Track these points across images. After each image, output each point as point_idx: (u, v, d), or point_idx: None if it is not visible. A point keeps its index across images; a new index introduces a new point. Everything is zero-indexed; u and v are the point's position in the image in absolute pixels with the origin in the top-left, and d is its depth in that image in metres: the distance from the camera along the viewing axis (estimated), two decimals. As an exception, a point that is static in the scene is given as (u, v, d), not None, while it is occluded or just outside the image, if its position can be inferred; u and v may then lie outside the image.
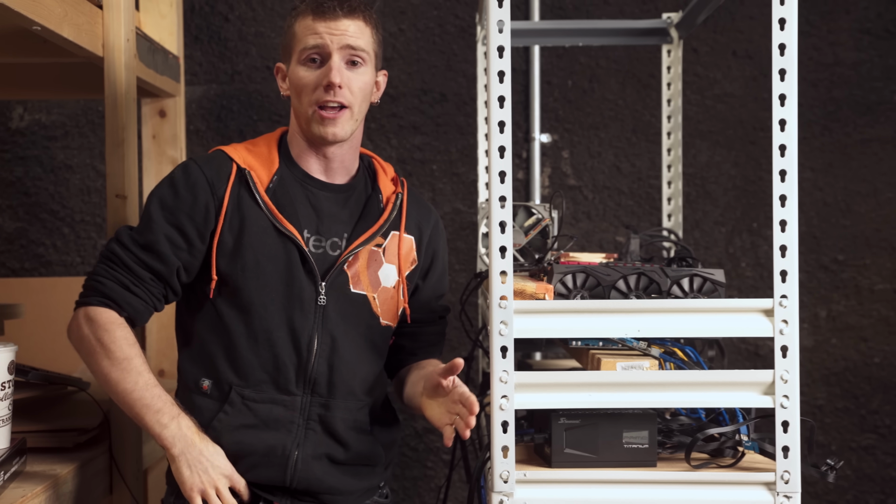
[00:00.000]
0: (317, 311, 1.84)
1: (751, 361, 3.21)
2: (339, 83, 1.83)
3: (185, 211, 1.82)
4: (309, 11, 1.86)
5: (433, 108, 3.24)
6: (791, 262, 1.64)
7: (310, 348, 1.83)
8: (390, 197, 1.96)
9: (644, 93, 3.25)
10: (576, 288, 1.82)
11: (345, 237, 1.88)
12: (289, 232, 1.83)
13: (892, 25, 3.21)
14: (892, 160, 3.22)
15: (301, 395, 1.84)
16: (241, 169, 1.86)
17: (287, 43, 1.90)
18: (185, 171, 1.86)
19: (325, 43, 1.83)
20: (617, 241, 3.25)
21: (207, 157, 1.89)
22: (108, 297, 1.80)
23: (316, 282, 1.84)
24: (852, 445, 3.21)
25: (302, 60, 1.85)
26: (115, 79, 2.13)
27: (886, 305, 3.21)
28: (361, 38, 1.85)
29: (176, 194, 1.83)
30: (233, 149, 1.90)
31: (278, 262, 1.83)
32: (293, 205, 1.87)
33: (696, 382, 1.65)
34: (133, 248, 1.82)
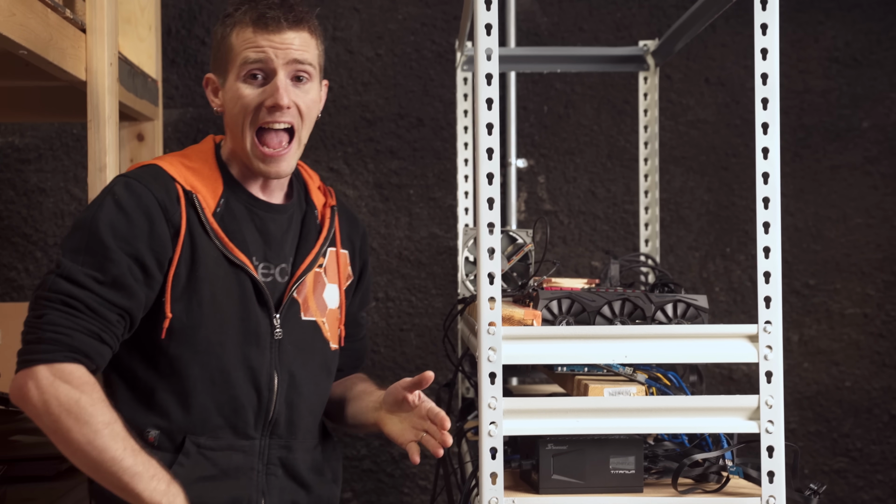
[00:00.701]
0: (272, 346, 1.70)
1: (724, 385, 3.25)
2: (286, 104, 1.66)
3: (143, 239, 1.61)
4: (249, 22, 1.67)
5: (410, 133, 3.25)
6: (775, 288, 1.67)
7: (270, 387, 1.69)
8: (324, 211, 1.82)
9: (619, 118, 3.28)
10: (561, 314, 1.83)
11: (290, 261, 1.74)
12: (240, 262, 1.67)
13: (859, 54, 3.28)
14: (860, 186, 3.27)
15: (259, 438, 1.69)
16: (187, 192, 1.66)
17: (221, 55, 1.70)
18: (130, 191, 1.62)
19: (268, 58, 1.65)
20: (592, 266, 3.27)
21: (149, 175, 1.66)
22: (78, 352, 1.54)
23: (270, 314, 1.70)
24: (825, 469, 3.24)
25: (242, 76, 1.66)
26: (97, 103, 2.12)
27: (857, 329, 3.26)
28: (308, 51, 1.69)
29: (129, 220, 1.60)
30: (170, 165, 1.68)
31: (232, 296, 1.66)
32: (241, 231, 1.70)
33: (683, 408, 1.66)
34: (94, 287, 1.57)
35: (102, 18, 2.13)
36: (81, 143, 3.22)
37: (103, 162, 2.12)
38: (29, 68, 2.00)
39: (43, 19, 1.87)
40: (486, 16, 1.66)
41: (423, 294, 3.24)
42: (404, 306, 3.23)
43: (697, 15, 2.20)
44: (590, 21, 3.27)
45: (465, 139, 2.81)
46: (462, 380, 2.64)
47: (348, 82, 3.23)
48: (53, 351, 1.53)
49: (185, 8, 3.22)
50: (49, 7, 1.90)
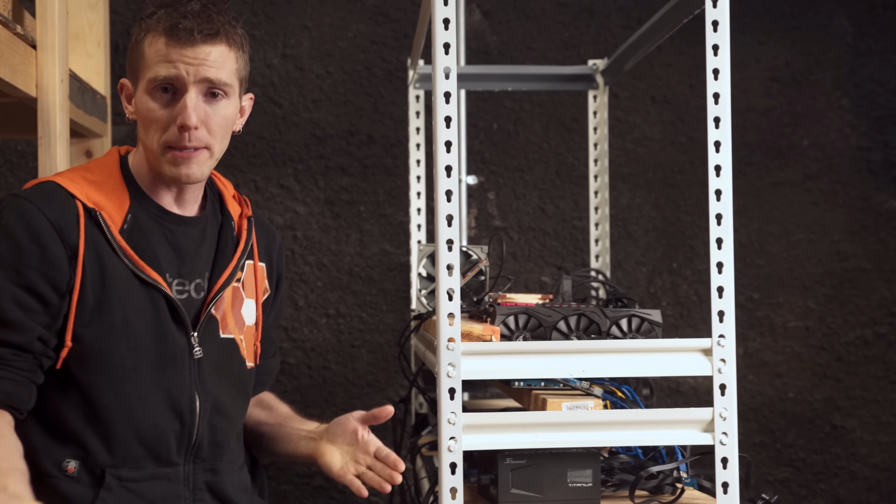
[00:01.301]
0: (191, 367, 1.63)
1: (672, 398, 3.30)
2: (195, 125, 1.57)
3: (33, 266, 1.52)
4: (161, 32, 1.57)
5: (360, 150, 3.26)
6: (728, 302, 1.71)
7: (191, 409, 1.62)
8: (241, 223, 1.74)
9: (567, 136, 3.33)
10: (518, 329, 1.85)
11: (206, 276, 1.67)
12: (152, 280, 1.59)
13: (798, 74, 3.37)
14: (801, 203, 3.36)
15: (182, 463, 1.63)
16: (89, 209, 1.57)
17: (133, 61, 1.62)
18: (18, 215, 1.53)
19: (179, 74, 1.56)
20: (542, 282, 3.30)
21: (43, 194, 1.57)
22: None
23: (188, 333, 1.62)
24: (769, 479, 3.31)
25: (151, 90, 1.58)
26: (48, 120, 2.09)
27: (799, 342, 3.33)
28: (223, 68, 1.59)
29: (17, 247, 1.52)
30: (69, 181, 1.59)
31: (146, 316, 1.58)
32: (152, 247, 1.61)
33: (640, 421, 1.69)
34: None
35: (53, 35, 2.10)
36: (26, 159, 3.18)
37: (55, 179, 2.09)
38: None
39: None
40: (445, 35, 1.68)
41: (375, 310, 3.24)
42: (355, 322, 3.24)
43: (647, 35, 2.25)
44: (538, 40, 3.32)
45: (418, 156, 2.83)
46: (415, 395, 2.64)
47: (298, 99, 3.23)
48: None
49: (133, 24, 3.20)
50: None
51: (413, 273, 2.62)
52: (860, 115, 3.35)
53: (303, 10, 3.25)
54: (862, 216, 3.35)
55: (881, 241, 3.34)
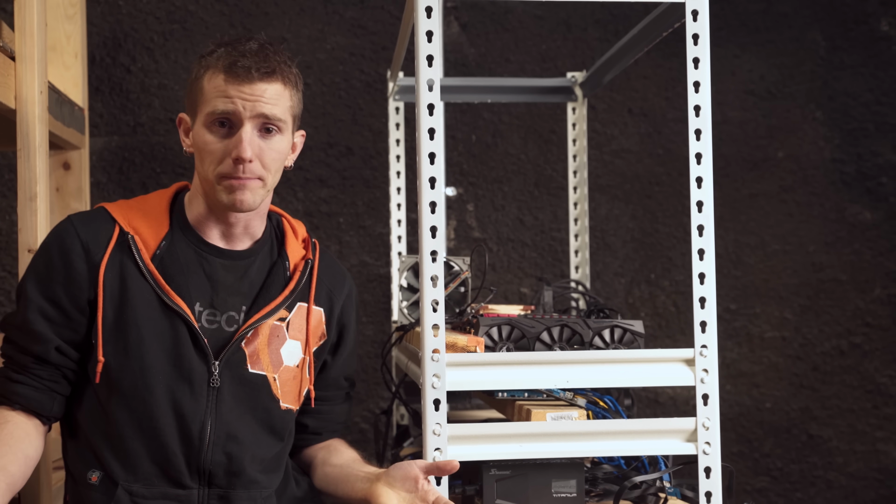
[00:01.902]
0: (210, 394, 1.67)
1: (651, 409, 3.31)
2: (249, 157, 1.64)
3: (59, 280, 1.64)
4: (221, 69, 1.65)
5: (339, 162, 3.26)
6: (710, 313, 1.72)
7: (202, 436, 1.66)
8: (298, 264, 1.78)
9: (545, 148, 3.34)
10: (501, 340, 1.85)
11: (243, 310, 1.71)
12: (176, 306, 1.65)
13: (773, 87, 3.40)
14: (777, 214, 3.39)
15: (196, 487, 1.67)
16: (124, 232, 1.67)
17: (193, 97, 1.70)
18: (58, 233, 1.67)
19: (236, 110, 1.63)
20: (522, 293, 3.31)
21: (87, 217, 1.70)
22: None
23: (208, 361, 1.67)
24: (747, 488, 3.33)
25: (208, 124, 1.66)
26: (27, 132, 2.08)
27: (776, 352, 3.36)
28: (278, 104, 1.66)
29: (48, 263, 1.65)
30: (117, 207, 1.71)
31: (164, 340, 1.65)
32: (184, 274, 1.68)
33: (623, 431, 1.70)
34: (11, 334, 1.66)
35: (32, 46, 2.09)
36: (1, 171, 3.15)
37: (34, 191, 2.08)
38: (-43, 96, 1.96)
39: (-26, 46, 1.84)
40: (428, 47, 1.69)
41: (354, 322, 3.24)
42: (335, 335, 3.23)
43: (626, 48, 2.27)
44: (516, 52, 3.34)
45: (398, 168, 2.83)
46: (397, 407, 2.64)
47: (277, 111, 3.22)
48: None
49: (110, 36, 3.19)
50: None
51: (394, 284, 2.63)
52: (834, 127, 3.39)
53: (281, 22, 3.25)
54: (836, 227, 3.38)
55: (855, 252, 3.38)
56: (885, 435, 3.35)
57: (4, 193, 3.13)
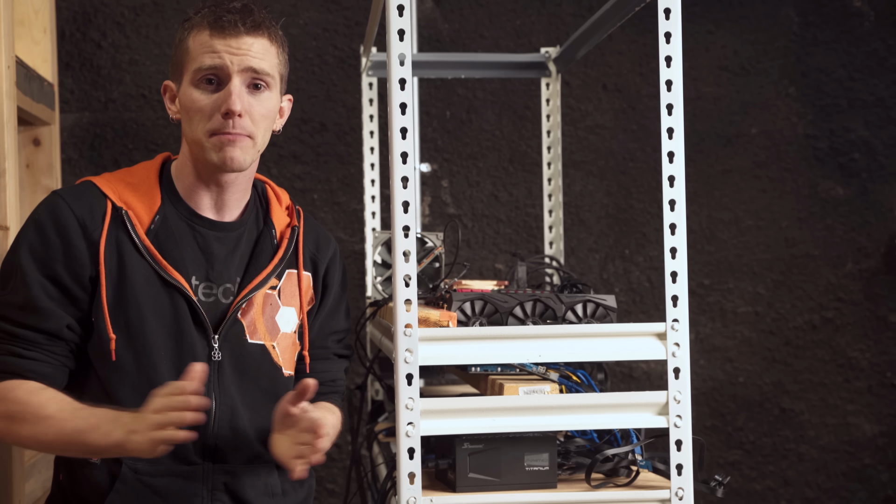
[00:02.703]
0: (211, 369, 1.65)
1: (625, 383, 3.33)
2: (239, 111, 1.62)
3: (59, 259, 1.60)
4: (206, 25, 1.64)
5: (313, 138, 3.25)
6: (681, 287, 1.73)
7: (207, 411, 1.60)
8: (284, 232, 1.77)
9: (520, 124, 3.34)
10: (474, 315, 1.86)
11: (237, 282, 1.70)
12: (175, 281, 1.64)
13: (747, 63, 3.41)
14: (751, 190, 3.40)
15: (202, 463, 1.65)
16: (117, 207, 1.64)
17: (178, 59, 1.67)
18: (50, 210, 1.63)
19: (223, 63, 1.62)
20: (496, 269, 3.32)
21: (76, 192, 1.66)
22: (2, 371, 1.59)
23: (208, 335, 1.66)
24: (720, 462, 3.36)
25: (196, 81, 1.64)
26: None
27: (749, 327, 3.39)
28: (266, 59, 1.66)
29: (45, 240, 1.61)
30: (105, 181, 1.67)
31: (165, 316, 1.63)
32: (179, 249, 1.67)
33: (595, 405, 1.71)
34: (11, 314, 1.60)
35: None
36: (-29, 148, 3.12)
37: (2, 167, 2.06)
38: (-77, 70, 1.94)
39: (-61, 20, 1.81)
40: (399, 21, 1.68)
41: (329, 299, 3.23)
42: (309, 312, 3.22)
43: (599, 23, 2.26)
44: (490, 28, 3.33)
45: (371, 144, 2.82)
46: (371, 382, 2.65)
47: (250, 87, 3.20)
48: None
49: (80, 11, 3.15)
50: (-55, 7, 1.84)
51: (368, 260, 2.62)
52: (807, 103, 3.41)
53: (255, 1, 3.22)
54: (809, 203, 3.40)
55: (828, 228, 3.40)
56: (856, 409, 3.39)
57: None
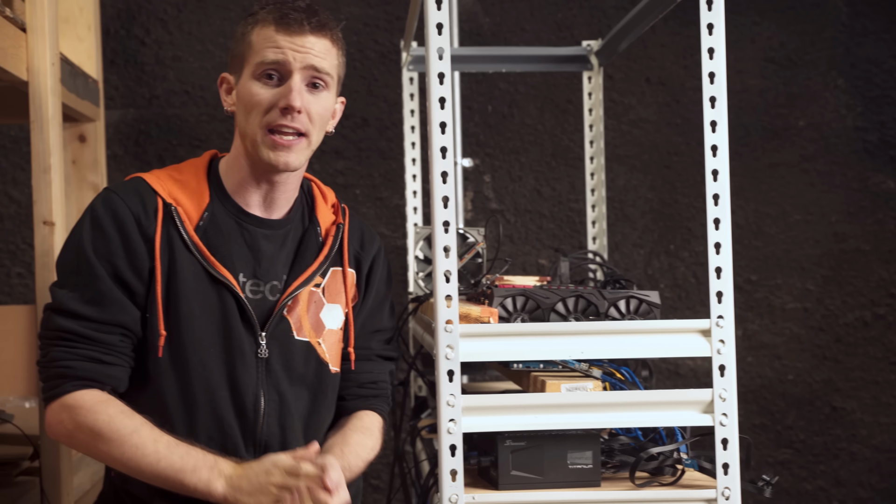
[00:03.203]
0: (259, 365, 1.66)
1: (671, 381, 3.29)
2: (298, 107, 1.63)
3: (120, 254, 1.61)
4: (271, 21, 1.65)
5: (355, 133, 3.24)
6: (726, 283, 1.69)
7: (256, 408, 1.65)
8: (330, 229, 1.77)
9: (562, 118, 3.31)
10: (516, 311, 1.84)
11: (283, 279, 1.70)
12: (223, 277, 1.64)
13: (794, 55, 3.35)
14: (798, 183, 3.34)
15: (252, 458, 1.64)
16: (167, 204, 1.65)
17: (239, 52, 1.68)
18: (107, 205, 1.63)
19: (286, 59, 1.63)
20: (539, 264, 3.29)
21: (129, 188, 1.66)
22: (83, 379, 1.58)
23: (255, 332, 1.66)
24: (769, 461, 3.31)
25: (257, 75, 1.64)
26: (40, 104, 2.08)
27: (798, 324, 3.33)
28: (327, 59, 1.67)
29: (105, 235, 1.62)
30: (155, 178, 1.68)
31: (214, 312, 1.64)
32: (227, 245, 1.67)
33: (638, 402, 1.68)
34: (85, 312, 1.59)
35: (43, 17, 2.08)
36: (19, 144, 3.15)
37: (47, 163, 2.08)
38: (-32, 68, 1.96)
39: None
40: (437, 15, 1.66)
41: (371, 295, 3.23)
42: (352, 307, 3.22)
43: (641, 15, 2.23)
44: (531, 21, 3.30)
45: (413, 138, 2.81)
46: (414, 378, 2.63)
47: (292, 83, 3.21)
48: (61, 384, 1.59)
49: (124, 8, 3.18)
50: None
51: (410, 256, 2.61)
52: (856, 95, 3.34)
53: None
54: (859, 197, 3.34)
55: (879, 222, 3.33)
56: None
57: (23, 166, 3.14)
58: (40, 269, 2.03)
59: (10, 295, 3.11)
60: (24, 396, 2.57)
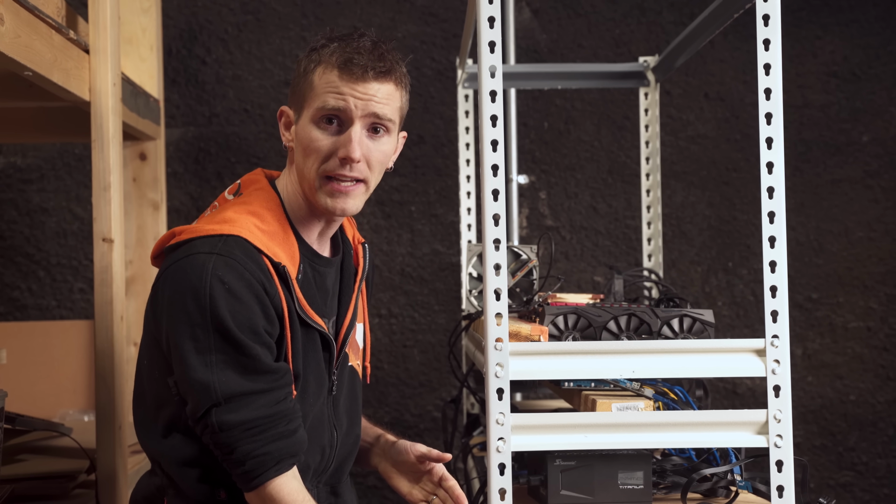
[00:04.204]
0: (328, 403, 1.68)
1: (728, 400, 3.24)
2: (357, 158, 1.59)
3: (260, 322, 1.53)
4: (334, 65, 1.59)
5: (411, 150, 3.26)
6: (781, 302, 1.67)
7: (332, 444, 1.67)
8: (357, 249, 1.77)
9: (619, 134, 3.29)
10: (567, 329, 1.83)
11: (336, 311, 1.71)
12: (317, 325, 1.63)
13: (857, 69, 3.29)
14: (861, 200, 3.28)
15: (314, 488, 1.66)
16: (276, 264, 1.58)
17: (300, 91, 1.64)
18: (235, 273, 1.52)
19: (348, 107, 1.59)
20: (595, 281, 3.27)
21: (241, 251, 1.55)
22: (281, 461, 1.53)
23: (331, 370, 1.67)
24: (830, 483, 3.24)
25: (317, 119, 1.61)
26: (101, 123, 2.12)
27: (860, 343, 3.26)
28: (389, 105, 1.63)
29: (243, 305, 1.51)
30: (250, 233, 1.57)
31: (312, 361, 1.63)
32: (312, 291, 1.64)
33: (692, 422, 1.66)
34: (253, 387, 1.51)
35: (106, 39, 2.13)
36: (83, 162, 3.23)
37: (107, 181, 2.12)
38: (33, 89, 2.01)
39: (47, 40, 1.88)
40: (490, 33, 1.66)
41: (426, 310, 3.24)
42: (407, 323, 3.23)
43: (698, 31, 2.21)
44: (588, 38, 3.29)
45: (467, 156, 2.82)
46: (467, 395, 2.63)
47: (349, 100, 3.23)
48: (260, 474, 1.52)
49: (186, 28, 3.24)
50: (53, 28, 1.91)
51: (463, 273, 2.61)
52: (922, 109, 3.27)
53: (352, 11, 3.25)
54: (924, 213, 3.26)
55: (945, 239, 3.26)
56: (977, 429, 3.23)
57: (86, 184, 3.21)
58: (99, 285, 2.07)
59: (72, 310, 3.18)
60: (83, 410, 2.62)
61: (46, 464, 2.00)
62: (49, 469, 1.95)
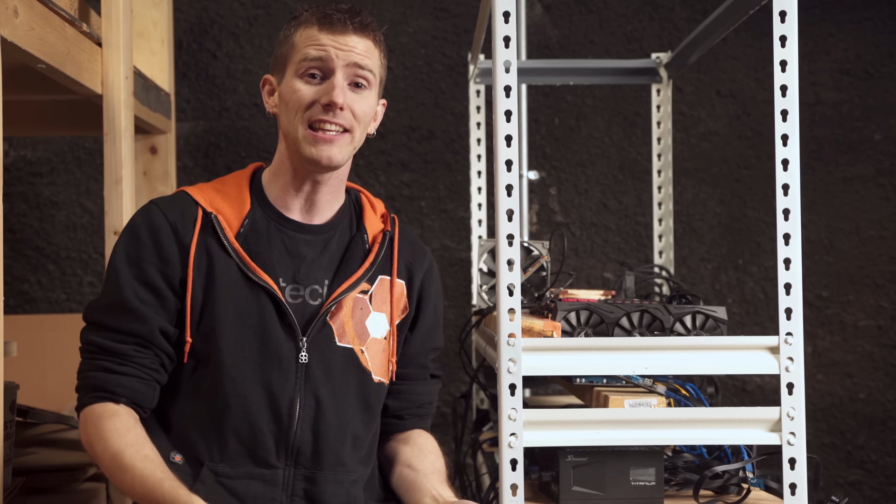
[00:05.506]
0: (298, 371, 1.64)
1: (738, 397, 3.24)
2: (341, 103, 1.62)
3: (152, 262, 1.62)
4: (314, 21, 1.66)
5: (421, 146, 3.26)
6: (796, 299, 1.66)
7: (290, 413, 1.62)
8: (377, 236, 1.74)
9: (630, 131, 3.28)
10: (580, 325, 1.82)
11: (325, 284, 1.68)
12: (263, 282, 1.63)
13: (870, 66, 3.28)
14: (873, 198, 3.27)
15: (283, 467, 1.63)
16: (208, 213, 1.65)
17: (283, 53, 1.68)
18: (145, 216, 1.65)
19: (329, 56, 1.63)
20: (605, 278, 3.27)
21: (170, 200, 1.69)
22: (96, 390, 1.60)
23: (296, 337, 1.64)
24: (839, 481, 3.23)
25: (300, 73, 1.64)
26: (113, 116, 2.12)
27: (870, 341, 3.25)
28: (369, 58, 1.66)
29: (139, 243, 1.63)
30: (198, 190, 1.69)
31: (251, 317, 1.62)
32: (267, 251, 1.66)
33: (703, 419, 1.66)
34: (104, 320, 1.62)
35: (118, 32, 2.13)
36: (93, 156, 3.23)
37: (119, 175, 2.12)
38: (46, 82, 2.01)
39: (61, 33, 1.87)
40: (505, 28, 1.66)
41: (435, 307, 3.23)
42: (416, 319, 3.23)
43: (712, 27, 2.20)
44: (600, 34, 3.28)
45: (478, 151, 2.81)
46: (476, 391, 2.63)
47: (360, 95, 3.23)
48: (82, 396, 1.63)
49: (197, 22, 3.24)
50: (66, 21, 1.91)
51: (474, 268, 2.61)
52: (934, 107, 3.26)
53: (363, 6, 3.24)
54: (936, 212, 3.25)
55: (956, 238, 3.25)
56: None
57: (96, 177, 3.21)
58: (111, 277, 2.06)
59: (81, 304, 3.18)
60: (95, 402, 2.62)
61: (57, 456, 2.00)
62: (60, 461, 1.96)
